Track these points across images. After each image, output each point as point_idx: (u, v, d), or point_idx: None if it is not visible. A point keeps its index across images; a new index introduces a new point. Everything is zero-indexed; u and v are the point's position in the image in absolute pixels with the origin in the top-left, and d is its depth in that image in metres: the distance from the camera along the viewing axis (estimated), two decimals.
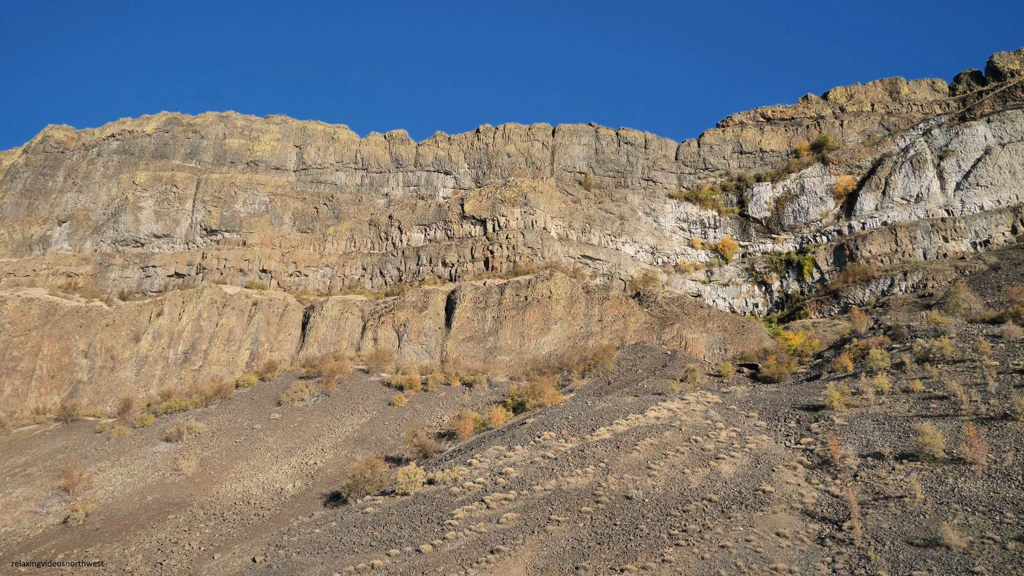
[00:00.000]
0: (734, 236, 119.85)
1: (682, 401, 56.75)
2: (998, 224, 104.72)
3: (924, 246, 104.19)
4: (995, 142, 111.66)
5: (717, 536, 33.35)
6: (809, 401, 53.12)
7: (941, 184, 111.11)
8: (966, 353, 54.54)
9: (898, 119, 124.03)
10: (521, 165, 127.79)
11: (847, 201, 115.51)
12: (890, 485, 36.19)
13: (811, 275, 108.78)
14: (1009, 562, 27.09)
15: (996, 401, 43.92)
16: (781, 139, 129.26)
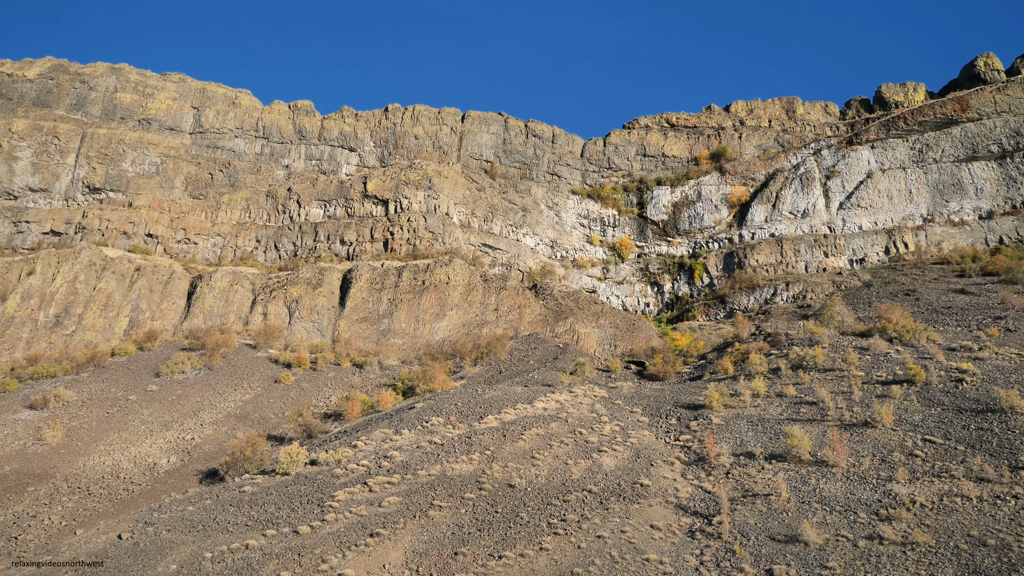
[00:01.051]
0: (632, 236, 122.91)
1: (570, 394, 57.83)
2: (874, 244, 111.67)
3: (806, 259, 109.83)
4: (877, 167, 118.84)
5: (594, 526, 34.21)
6: (690, 400, 55.17)
7: (826, 202, 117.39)
8: (836, 363, 57.88)
9: (792, 137, 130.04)
10: (428, 148, 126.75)
11: (740, 211, 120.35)
12: (759, 483, 38.05)
13: (701, 279, 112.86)
14: (859, 559, 29.00)
15: (859, 409, 46.84)
16: (683, 146, 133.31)
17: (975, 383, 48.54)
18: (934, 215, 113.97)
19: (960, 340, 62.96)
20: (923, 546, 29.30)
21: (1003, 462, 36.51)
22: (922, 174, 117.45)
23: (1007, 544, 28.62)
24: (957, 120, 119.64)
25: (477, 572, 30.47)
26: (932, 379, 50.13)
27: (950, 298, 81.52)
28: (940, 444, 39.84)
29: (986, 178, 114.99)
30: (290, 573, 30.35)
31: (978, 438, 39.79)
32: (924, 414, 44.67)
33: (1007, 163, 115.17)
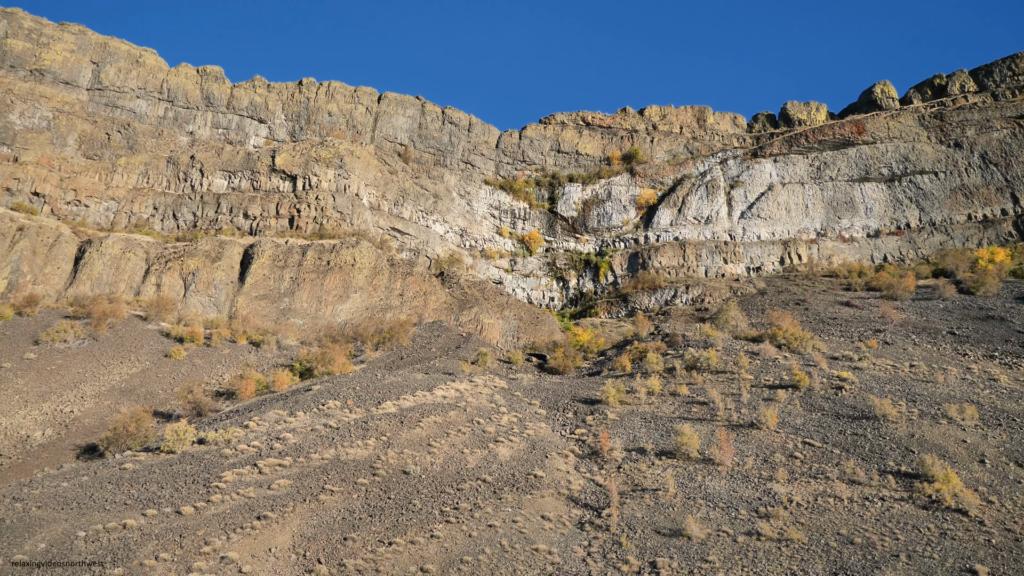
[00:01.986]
0: (541, 230, 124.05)
1: (471, 383, 57.92)
2: (770, 254, 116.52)
3: (707, 264, 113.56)
4: (778, 180, 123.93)
5: (487, 515, 34.40)
6: (588, 395, 56.18)
7: (729, 211, 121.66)
8: (728, 365, 60.09)
9: (701, 145, 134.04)
10: (341, 126, 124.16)
11: (647, 213, 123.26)
12: (648, 478, 39.14)
13: (606, 277, 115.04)
14: (737, 553, 30.24)
15: (747, 411, 48.81)
16: (597, 145, 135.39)
17: (853, 391, 51.35)
18: (827, 230, 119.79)
19: (842, 350, 66.45)
20: (797, 543, 30.80)
21: (873, 466, 38.76)
22: (819, 190, 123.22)
23: (872, 543, 30.41)
24: (853, 142, 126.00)
25: (366, 558, 30.16)
26: (815, 385, 52.72)
27: (836, 310, 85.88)
28: (818, 447, 41.95)
29: (876, 199, 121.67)
30: (169, 555, 29.23)
31: (852, 443, 42.11)
32: (805, 418, 46.94)
33: (895, 186, 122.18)
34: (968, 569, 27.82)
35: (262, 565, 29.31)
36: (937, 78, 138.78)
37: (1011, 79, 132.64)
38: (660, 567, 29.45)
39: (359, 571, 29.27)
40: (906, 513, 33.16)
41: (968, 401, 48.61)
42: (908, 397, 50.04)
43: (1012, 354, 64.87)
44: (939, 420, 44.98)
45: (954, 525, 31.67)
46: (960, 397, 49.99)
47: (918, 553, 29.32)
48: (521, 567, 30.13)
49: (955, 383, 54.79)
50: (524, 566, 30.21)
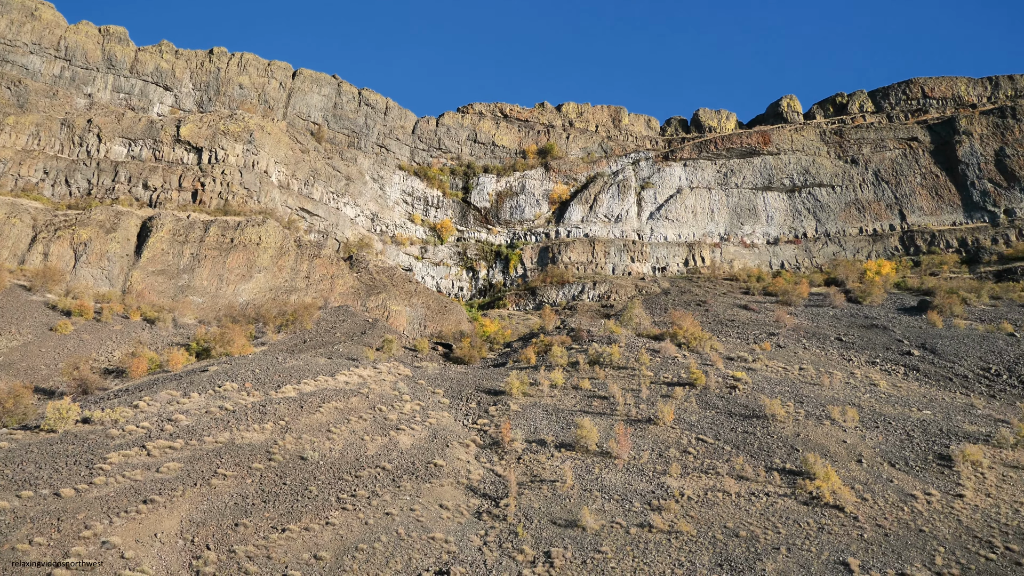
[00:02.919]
0: (453, 219, 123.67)
1: (374, 369, 57.29)
2: (675, 255, 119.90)
3: (615, 262, 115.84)
4: (686, 184, 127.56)
5: (384, 503, 34.14)
6: (492, 386, 56.46)
7: (638, 211, 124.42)
8: (630, 362, 61.51)
9: (615, 145, 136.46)
10: (252, 100, 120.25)
11: (559, 208, 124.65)
12: (547, 470, 39.67)
13: (516, 270, 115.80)
14: (629, 544, 31.04)
15: (645, 406, 50.11)
16: (513, 137, 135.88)
17: (746, 391, 53.44)
18: (730, 235, 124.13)
19: (738, 351, 69.05)
20: (686, 535, 31.86)
21: (760, 463, 40.47)
22: (724, 196, 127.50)
23: (755, 536, 31.76)
24: (759, 152, 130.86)
25: (258, 544, 29.44)
26: (711, 384, 54.60)
27: (734, 312, 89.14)
28: (711, 443, 43.48)
29: (777, 207, 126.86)
30: (45, 539, 27.73)
31: (743, 440, 43.83)
32: (700, 415, 48.56)
33: (795, 196, 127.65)
34: (841, 562, 29.42)
35: (146, 551, 28.20)
36: (839, 96, 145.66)
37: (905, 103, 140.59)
38: (554, 557, 29.92)
39: (250, 558, 28.56)
40: (788, 508, 34.77)
41: (850, 404, 51.33)
42: (796, 398, 52.45)
43: (892, 361, 68.91)
44: (823, 421, 47.35)
45: (831, 520, 33.41)
46: (843, 400, 52.74)
47: (797, 546, 30.80)
48: (417, 555, 30.06)
49: (839, 387, 57.78)
50: (420, 554, 30.15)
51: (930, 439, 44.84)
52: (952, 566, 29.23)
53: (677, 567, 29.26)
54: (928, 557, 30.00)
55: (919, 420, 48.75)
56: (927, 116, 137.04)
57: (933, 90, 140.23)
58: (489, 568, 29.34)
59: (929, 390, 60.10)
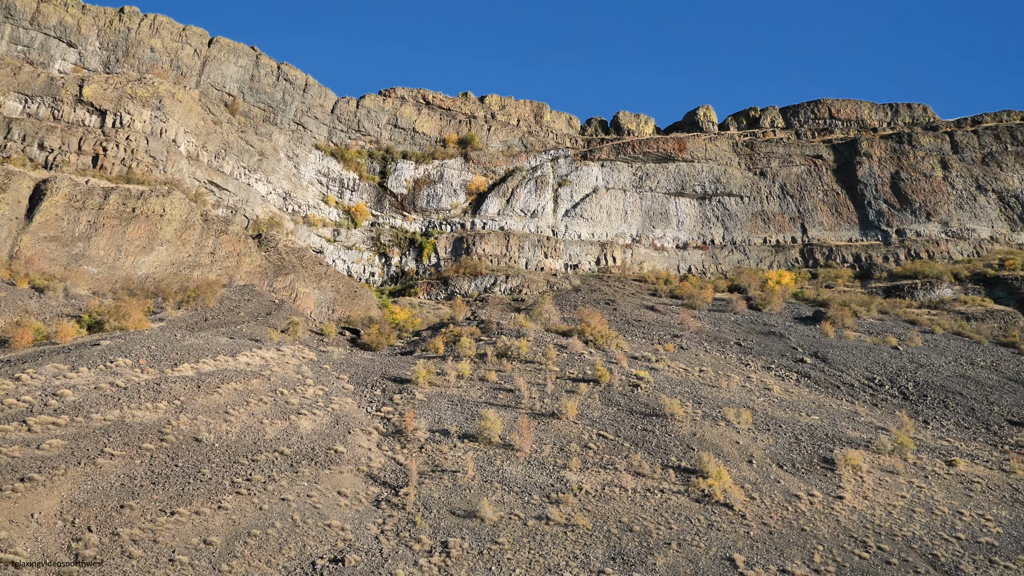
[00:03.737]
0: (369, 204, 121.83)
1: (278, 352, 55.97)
2: (588, 253, 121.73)
3: (528, 257, 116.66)
4: (603, 185, 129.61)
5: (280, 489, 33.42)
6: (398, 374, 56.02)
7: (554, 207, 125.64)
8: (537, 356, 62.11)
9: (536, 140, 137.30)
10: (164, 65, 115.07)
11: (476, 200, 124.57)
12: (449, 460, 39.66)
13: (429, 258, 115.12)
14: (526, 536, 31.38)
15: (549, 401, 50.71)
16: (435, 125, 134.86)
17: (648, 389, 54.79)
18: (642, 237, 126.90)
19: (643, 351, 70.71)
20: (582, 528, 32.45)
21: (657, 460, 41.60)
22: (638, 199, 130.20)
23: (648, 531, 32.64)
24: (674, 158, 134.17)
25: (144, 527, 28.33)
26: (614, 382, 55.72)
27: (641, 313, 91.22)
28: (611, 439, 44.39)
29: (688, 213, 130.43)
30: None
31: (642, 438, 44.93)
32: (603, 412, 49.50)
33: (706, 204, 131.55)
34: (728, 558, 30.58)
35: (21, 532, 26.73)
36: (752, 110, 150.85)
37: (813, 121, 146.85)
38: (451, 547, 29.96)
39: (135, 541, 27.46)
40: (681, 505, 35.88)
41: (745, 407, 53.34)
42: (695, 399, 54.12)
43: (786, 367, 71.96)
44: (719, 422, 49.02)
45: (720, 518, 34.66)
46: (739, 403, 54.75)
47: (687, 542, 31.83)
48: (312, 542, 29.57)
49: (736, 389, 59.95)
50: (315, 541, 29.67)
51: (816, 443, 47.06)
52: (829, 564, 30.80)
53: (572, 559, 29.77)
54: (808, 555, 31.51)
55: (807, 425, 51.09)
56: (832, 136, 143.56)
57: (839, 112, 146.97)
58: (385, 557, 29.14)
59: (818, 396, 63.07)
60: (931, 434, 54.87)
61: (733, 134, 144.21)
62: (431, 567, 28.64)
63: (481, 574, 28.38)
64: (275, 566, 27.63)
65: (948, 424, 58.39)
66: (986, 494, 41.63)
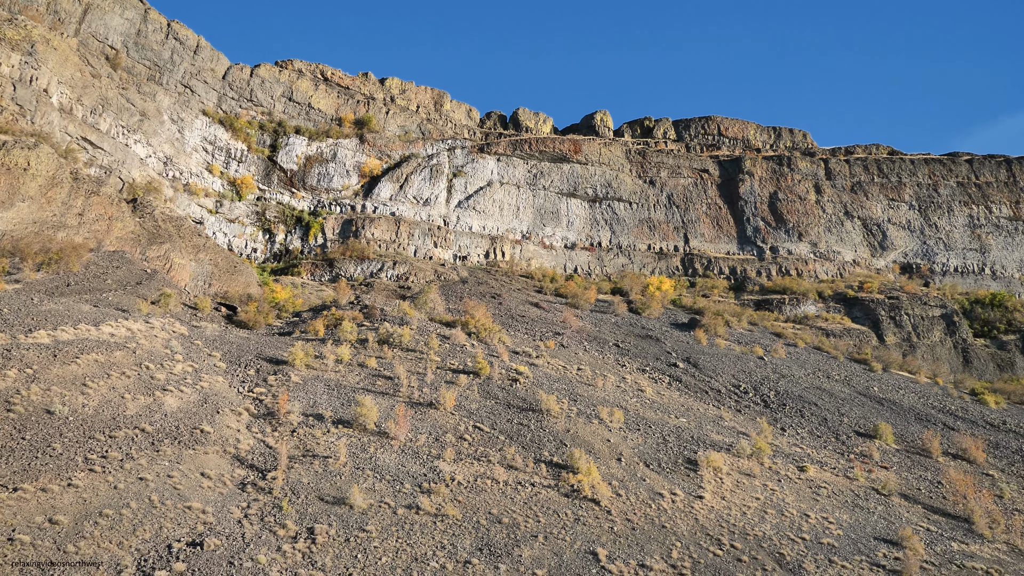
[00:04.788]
0: (256, 177, 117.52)
1: (146, 324, 53.24)
2: (477, 246, 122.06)
3: (418, 245, 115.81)
4: (498, 179, 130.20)
5: (139, 467, 31.84)
6: (275, 354, 54.42)
7: (448, 197, 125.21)
8: (419, 345, 61.79)
9: (434, 128, 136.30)
10: (40, 8, 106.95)
11: (369, 183, 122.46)
12: (321, 445, 38.87)
13: (316, 238, 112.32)
14: (395, 525, 31.17)
15: (428, 390, 50.57)
16: (331, 103, 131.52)
17: (526, 384, 55.54)
18: (532, 234, 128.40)
19: (524, 346, 71.60)
20: (451, 519, 32.55)
21: (530, 454, 42.24)
22: (531, 196, 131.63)
23: (517, 523, 33.11)
24: (569, 159, 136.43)
25: None
26: (494, 375, 56.18)
27: (526, 309, 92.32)
28: (486, 432, 44.73)
29: (578, 214, 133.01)
30: None
31: (517, 431, 45.51)
32: (480, 404, 49.81)
33: (596, 207, 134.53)
34: (591, 552, 31.43)
35: None
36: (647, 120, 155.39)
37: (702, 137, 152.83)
38: (317, 533, 29.40)
39: None
40: (550, 499, 36.58)
41: (618, 406, 54.95)
42: (571, 396, 55.29)
43: (659, 371, 74.60)
44: (592, 420, 50.29)
45: (587, 513, 35.57)
46: (612, 402, 56.34)
47: (554, 535, 32.50)
48: (169, 524, 28.31)
49: (611, 389, 61.65)
50: (173, 524, 28.42)
51: (682, 444, 49.05)
52: (685, 560, 32.18)
53: (439, 549, 29.81)
54: (667, 551, 32.81)
55: (675, 426, 53.18)
56: (719, 152, 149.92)
57: (728, 130, 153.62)
58: (247, 541, 28.26)
59: (688, 400, 65.73)
60: (787, 441, 58.22)
61: (627, 141, 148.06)
62: (295, 553, 28.01)
63: (347, 561, 27.99)
64: (127, 548, 26.28)
65: (803, 432, 62.13)
66: (831, 499, 44.60)
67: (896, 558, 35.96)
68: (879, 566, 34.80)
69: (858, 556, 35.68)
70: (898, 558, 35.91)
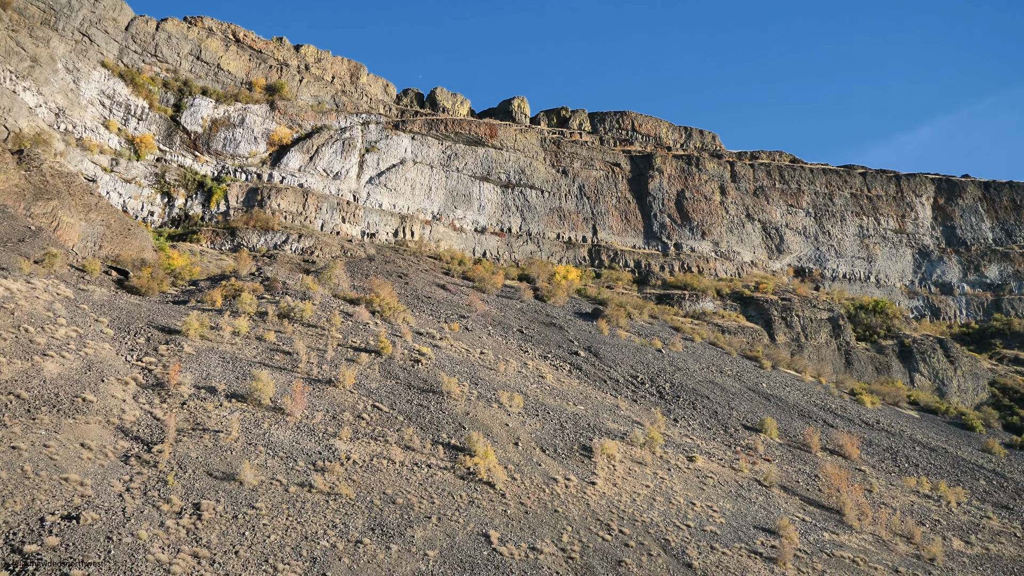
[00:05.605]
0: (157, 137, 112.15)
1: (27, 284, 50.20)
2: (387, 224, 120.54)
3: (325, 219, 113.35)
4: (411, 157, 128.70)
5: (12, 436, 30.06)
6: (167, 323, 52.32)
7: (359, 172, 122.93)
8: (321, 321, 60.63)
9: (349, 101, 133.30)
10: None
11: (278, 152, 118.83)
12: (213, 419, 37.67)
13: (218, 205, 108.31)
14: (286, 503, 30.56)
15: (328, 367, 49.72)
16: (243, 65, 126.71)
17: (428, 366, 55.37)
18: (443, 216, 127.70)
19: (428, 327, 71.31)
20: (344, 498, 32.17)
21: (429, 436, 42.19)
22: (444, 177, 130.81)
23: (411, 504, 33.04)
24: (485, 143, 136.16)
25: None
26: (396, 355, 55.74)
27: (432, 290, 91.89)
28: (385, 412, 44.38)
29: (490, 199, 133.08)
30: None
31: (416, 412, 45.35)
32: (380, 383, 49.36)
33: (508, 193, 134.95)
34: (483, 534, 31.70)
35: None
36: (564, 110, 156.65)
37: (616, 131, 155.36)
38: (204, 509, 28.53)
39: None
40: (446, 481, 36.66)
41: (518, 391, 55.50)
42: (472, 380, 55.47)
43: (561, 358, 75.74)
44: (492, 404, 50.62)
45: (482, 495, 35.84)
46: (513, 387, 56.86)
47: (447, 517, 32.60)
48: (43, 496, 26.86)
49: (512, 374, 62.20)
50: (47, 496, 26.98)
51: (579, 431, 50.02)
52: (575, 544, 32.89)
53: (331, 528, 29.44)
54: (557, 535, 33.44)
55: (573, 413, 54.16)
56: (632, 147, 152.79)
57: (641, 126, 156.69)
58: (128, 516, 27.14)
59: (586, 388, 67.03)
60: (679, 431, 60.23)
61: (543, 129, 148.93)
62: (179, 529, 27.09)
63: (233, 538, 27.27)
64: None
65: (694, 424, 64.39)
66: (716, 488, 46.46)
67: (772, 546, 37.83)
68: (756, 553, 36.53)
69: (738, 543, 37.33)
70: (774, 546, 37.78)
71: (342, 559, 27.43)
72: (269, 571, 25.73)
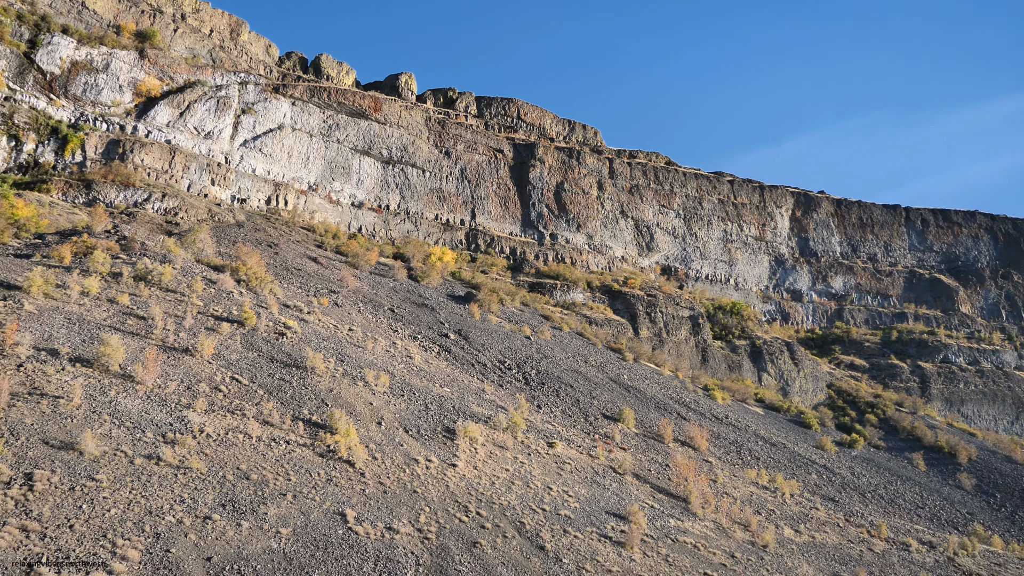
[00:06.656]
0: (7, 74, 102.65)
1: None
2: (260, 191, 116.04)
3: (193, 179, 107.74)
4: (290, 124, 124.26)
5: None
6: (7, 278, 48.32)
7: (233, 134, 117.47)
8: (181, 286, 57.74)
9: (227, 58, 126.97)
10: None
11: (145, 104, 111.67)
12: (53, 383, 35.16)
13: (74, 155, 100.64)
14: (130, 475, 28.97)
15: (186, 335, 47.45)
16: (111, 6, 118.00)
17: (293, 340, 53.89)
18: (319, 187, 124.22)
19: (296, 300, 69.36)
20: (195, 472, 30.85)
21: (289, 411, 41.11)
22: (324, 147, 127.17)
23: (266, 480, 32.11)
24: (368, 116, 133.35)
25: None
26: (260, 327, 53.90)
27: (303, 262, 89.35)
28: (245, 385, 42.85)
29: (370, 174, 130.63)
30: None
31: (278, 387, 44.07)
32: (241, 355, 47.60)
33: (389, 169, 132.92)
34: (340, 512, 31.25)
35: None
36: (451, 91, 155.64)
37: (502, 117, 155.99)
38: (37, 479, 26.61)
39: None
40: (304, 458, 35.85)
41: (385, 371, 54.98)
42: (339, 356, 54.45)
43: (430, 340, 75.59)
44: (357, 382, 49.90)
45: (340, 474, 35.30)
46: (380, 366, 56.26)
47: (303, 494, 31.90)
48: None
49: (380, 353, 61.52)
50: None
51: (444, 413, 50.15)
52: (432, 524, 33.00)
53: (178, 503, 28.17)
54: (415, 515, 33.44)
55: (439, 395, 54.23)
56: (516, 135, 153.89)
57: (527, 115, 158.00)
58: None
59: (454, 371, 67.26)
60: (541, 417, 61.54)
61: (429, 108, 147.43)
62: (6, 500, 25.14)
63: (68, 511, 25.57)
64: None
65: (556, 411, 65.98)
66: (573, 474, 47.84)
67: (622, 531, 39.39)
68: (607, 537, 37.92)
69: (590, 527, 38.62)
70: (623, 531, 39.35)
71: (188, 535, 26.30)
72: (107, 546, 24.32)
